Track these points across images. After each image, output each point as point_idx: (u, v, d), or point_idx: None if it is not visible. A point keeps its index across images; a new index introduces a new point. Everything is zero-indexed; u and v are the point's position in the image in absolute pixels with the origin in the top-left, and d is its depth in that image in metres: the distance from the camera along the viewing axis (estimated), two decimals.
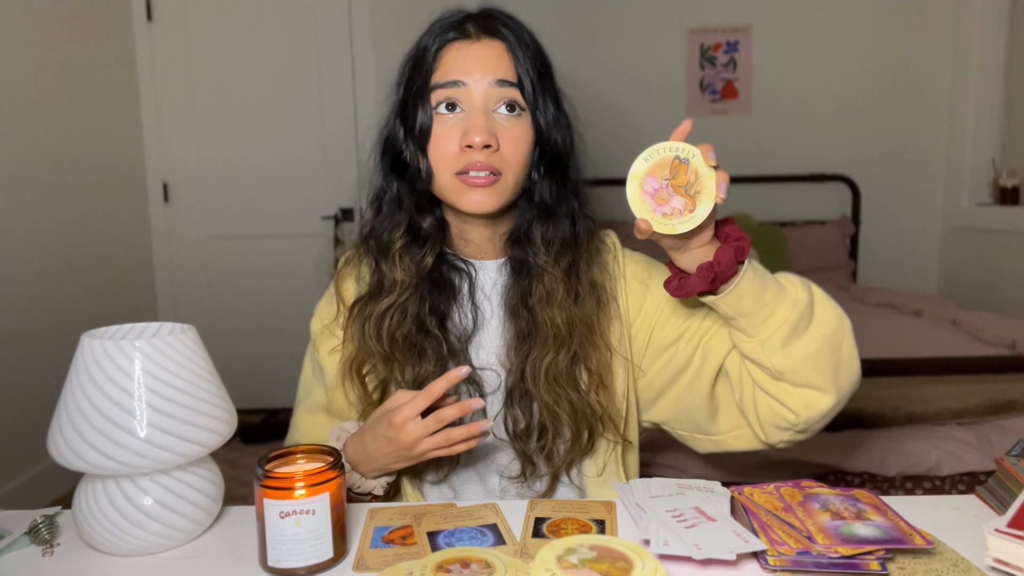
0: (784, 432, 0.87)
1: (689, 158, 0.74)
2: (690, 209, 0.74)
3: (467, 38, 0.88)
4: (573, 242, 0.92)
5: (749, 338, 0.83)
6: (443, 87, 0.86)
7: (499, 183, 0.86)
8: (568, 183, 0.93)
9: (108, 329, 0.79)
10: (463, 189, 0.86)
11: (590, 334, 0.91)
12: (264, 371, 3.31)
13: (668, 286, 0.82)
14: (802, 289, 0.83)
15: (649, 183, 0.75)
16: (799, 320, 0.81)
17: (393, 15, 3.24)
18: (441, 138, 0.87)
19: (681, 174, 0.74)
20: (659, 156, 0.75)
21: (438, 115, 0.87)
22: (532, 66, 0.88)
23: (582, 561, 0.57)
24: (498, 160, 0.86)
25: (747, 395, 0.88)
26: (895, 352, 1.91)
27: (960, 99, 3.32)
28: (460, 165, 0.86)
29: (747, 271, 0.79)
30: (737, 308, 0.80)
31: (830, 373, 0.83)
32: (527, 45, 0.89)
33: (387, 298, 0.91)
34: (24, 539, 0.77)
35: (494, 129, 0.85)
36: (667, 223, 0.75)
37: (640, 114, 3.42)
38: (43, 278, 2.59)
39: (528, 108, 0.87)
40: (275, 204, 3.36)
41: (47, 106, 2.63)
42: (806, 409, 0.84)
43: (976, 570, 0.67)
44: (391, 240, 0.92)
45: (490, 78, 0.86)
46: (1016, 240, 3.00)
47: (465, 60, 0.86)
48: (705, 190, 0.73)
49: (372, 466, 0.86)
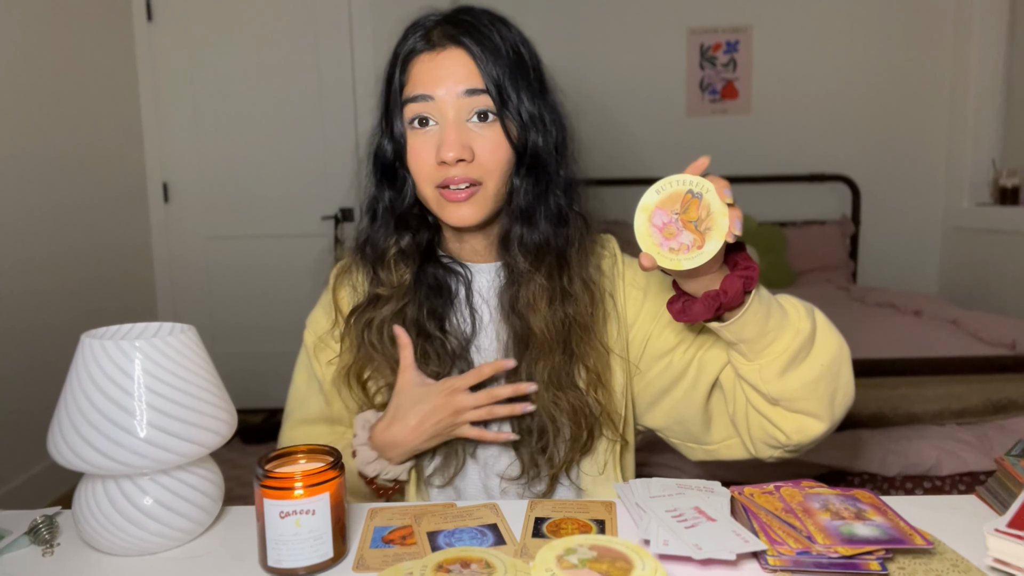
0: (774, 450, 0.88)
1: (703, 192, 0.71)
2: (698, 245, 0.71)
3: (431, 49, 0.86)
4: (557, 244, 0.90)
5: (748, 362, 0.82)
6: (414, 101, 0.86)
7: (480, 193, 0.86)
8: (555, 181, 0.90)
9: (108, 329, 0.79)
10: (444, 204, 0.86)
11: (586, 333, 0.91)
12: (264, 371, 3.30)
13: (671, 309, 0.80)
14: (806, 318, 0.81)
15: (659, 216, 0.73)
16: (800, 349, 0.80)
17: (393, 15, 3.23)
18: (418, 152, 0.86)
19: (692, 209, 0.72)
20: (671, 189, 0.73)
21: (412, 129, 0.87)
22: (501, 68, 0.85)
23: (582, 561, 0.57)
24: (476, 170, 0.85)
25: (740, 410, 0.88)
26: (895, 352, 1.91)
27: (960, 99, 3.32)
28: (439, 179, 0.85)
29: (753, 301, 0.77)
30: (740, 336, 0.79)
31: (826, 401, 0.83)
32: (495, 46, 0.86)
33: (386, 305, 0.92)
34: (24, 539, 0.77)
35: (468, 140, 0.84)
36: (673, 258, 0.72)
37: (640, 114, 3.42)
38: (43, 278, 2.59)
39: (499, 112, 0.85)
40: (275, 204, 3.36)
41: (47, 106, 2.63)
42: (798, 433, 0.84)
43: (976, 570, 0.67)
44: (387, 248, 0.92)
45: (459, 88, 0.84)
46: (1016, 240, 2.99)
47: (431, 72, 0.85)
48: (716, 227, 0.71)
49: (402, 449, 0.88)
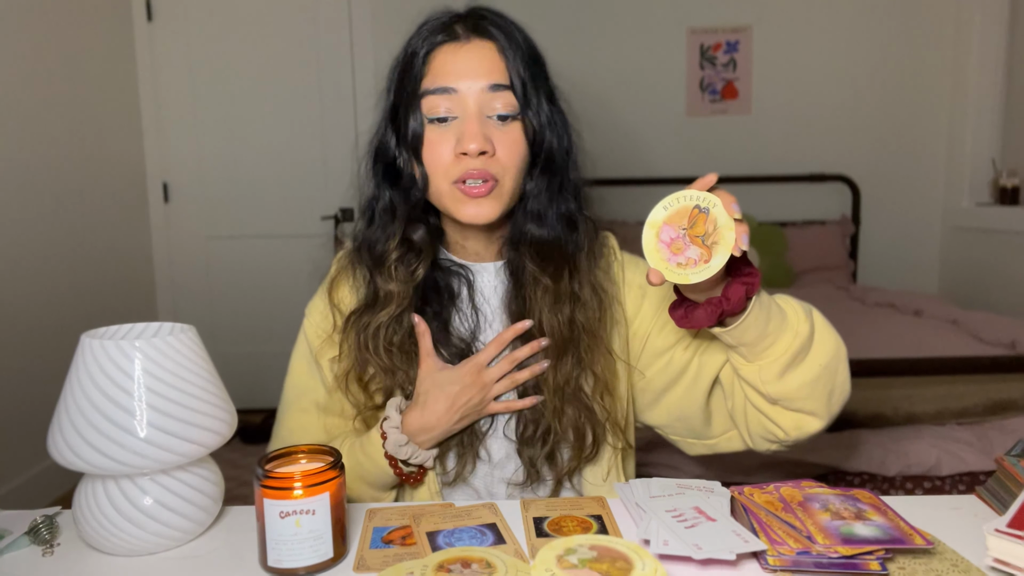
0: (771, 444, 0.89)
1: (710, 207, 0.72)
2: (705, 259, 0.72)
3: (456, 40, 0.85)
4: (568, 247, 0.91)
5: (748, 363, 0.82)
6: (434, 93, 0.84)
7: (497, 190, 0.85)
8: (565, 184, 0.91)
9: (108, 329, 0.79)
10: (461, 199, 0.85)
11: (594, 339, 0.90)
12: (264, 371, 3.29)
13: (674, 315, 0.81)
14: (804, 319, 0.81)
15: (666, 232, 0.73)
16: (799, 350, 0.80)
17: (393, 15, 3.24)
18: (435, 145, 0.85)
19: (700, 224, 0.72)
20: (679, 205, 0.73)
21: (430, 121, 0.85)
22: (524, 66, 0.85)
23: (582, 561, 0.57)
24: (495, 166, 0.84)
25: (738, 406, 0.88)
26: (895, 352, 1.91)
27: (960, 99, 3.32)
28: (456, 173, 0.84)
29: (754, 306, 0.77)
30: (740, 339, 0.79)
31: (824, 400, 0.83)
32: (518, 44, 0.86)
33: (384, 311, 0.90)
34: (24, 539, 0.77)
35: (489, 134, 0.84)
36: (681, 273, 0.73)
37: (640, 114, 3.42)
38: (43, 278, 2.59)
39: (522, 110, 0.85)
40: (275, 204, 3.36)
41: (47, 106, 2.63)
42: (796, 430, 0.85)
43: (976, 570, 0.67)
44: (385, 251, 0.91)
45: (482, 82, 0.83)
46: (1016, 240, 2.99)
47: (455, 64, 0.84)
48: (723, 241, 0.71)
49: (434, 433, 0.88)
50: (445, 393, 0.87)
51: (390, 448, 0.88)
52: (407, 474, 0.91)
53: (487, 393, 0.89)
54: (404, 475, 0.91)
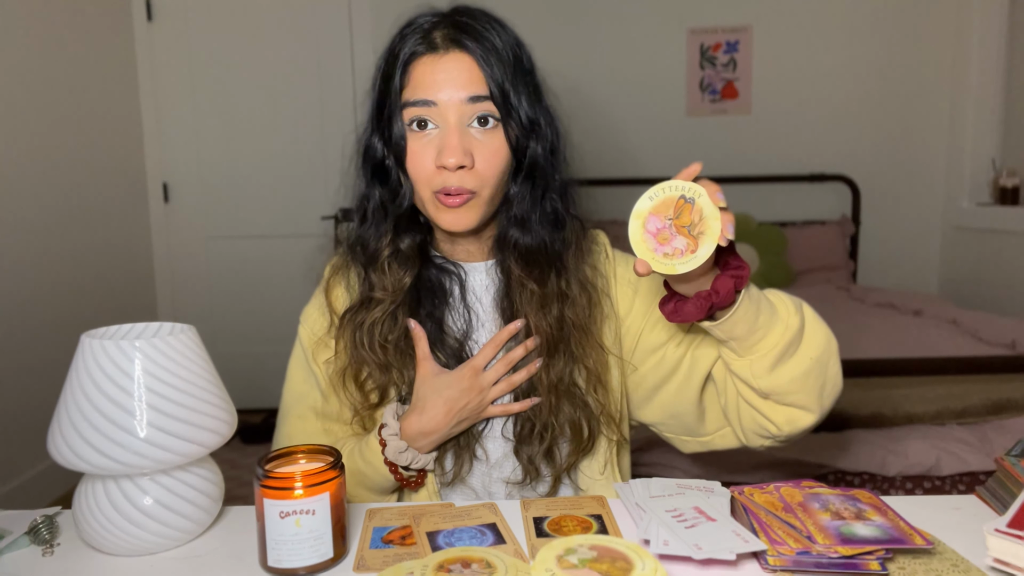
0: (765, 440, 0.90)
1: (695, 197, 0.72)
2: (692, 250, 0.72)
3: (435, 51, 0.85)
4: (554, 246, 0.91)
5: (739, 358, 0.83)
6: (414, 105, 0.84)
7: (474, 200, 0.86)
8: (551, 185, 0.91)
9: (108, 329, 0.79)
10: (441, 208, 0.86)
11: (585, 334, 0.91)
12: (264, 371, 3.29)
13: (663, 309, 0.81)
14: (794, 313, 0.82)
15: (652, 222, 0.73)
16: (789, 344, 0.81)
17: (393, 15, 3.23)
18: (417, 155, 0.86)
19: (685, 214, 0.73)
20: (664, 195, 0.73)
21: (412, 131, 0.86)
22: (504, 72, 0.84)
23: (582, 561, 0.57)
24: (472, 179, 0.84)
25: (731, 402, 0.89)
26: (895, 352, 1.91)
27: (960, 99, 3.32)
28: (437, 184, 0.85)
29: (743, 300, 0.77)
30: (730, 333, 0.80)
31: (815, 394, 0.84)
32: (497, 51, 0.85)
33: (378, 307, 0.91)
34: (24, 539, 0.77)
35: (469, 145, 0.84)
36: (667, 263, 0.73)
37: (640, 114, 3.42)
38: (43, 278, 2.59)
39: (503, 119, 0.85)
40: (275, 204, 3.36)
41: (47, 106, 2.63)
42: (788, 424, 0.86)
43: (976, 570, 0.67)
44: (378, 249, 0.92)
45: (462, 94, 0.83)
46: (1016, 240, 2.99)
47: (434, 76, 0.84)
48: (709, 231, 0.72)
49: (433, 438, 0.88)
50: (443, 398, 0.88)
51: (390, 455, 0.89)
52: (408, 479, 0.91)
53: (485, 396, 0.89)
54: (405, 480, 0.91)
